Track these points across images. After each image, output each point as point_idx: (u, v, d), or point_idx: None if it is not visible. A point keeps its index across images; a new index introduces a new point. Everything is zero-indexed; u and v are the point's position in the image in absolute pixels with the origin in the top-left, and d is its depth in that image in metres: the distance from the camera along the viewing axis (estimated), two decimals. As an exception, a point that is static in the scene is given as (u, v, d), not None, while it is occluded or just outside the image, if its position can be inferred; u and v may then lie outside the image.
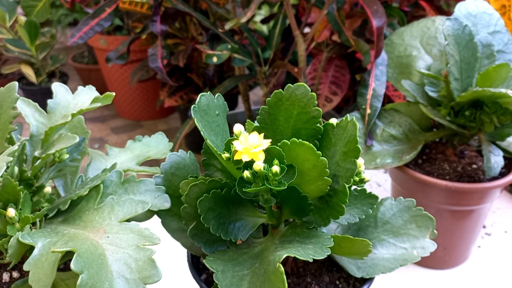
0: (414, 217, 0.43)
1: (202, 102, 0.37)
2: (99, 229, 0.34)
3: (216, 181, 0.38)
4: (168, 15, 1.03)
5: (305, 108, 0.37)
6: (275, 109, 0.38)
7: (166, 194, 0.41)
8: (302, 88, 0.37)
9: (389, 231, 0.43)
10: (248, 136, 0.34)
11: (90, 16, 0.90)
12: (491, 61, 0.60)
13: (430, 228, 0.42)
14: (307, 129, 0.38)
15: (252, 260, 0.37)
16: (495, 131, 0.62)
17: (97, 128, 2.03)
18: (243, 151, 0.33)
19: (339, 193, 0.35)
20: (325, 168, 0.33)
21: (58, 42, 2.35)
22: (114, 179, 0.40)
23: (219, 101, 0.39)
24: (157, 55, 1.02)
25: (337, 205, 0.35)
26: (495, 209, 0.86)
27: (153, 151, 0.50)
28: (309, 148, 0.33)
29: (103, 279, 0.30)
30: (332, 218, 0.36)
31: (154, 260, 0.32)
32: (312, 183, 0.35)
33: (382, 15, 0.74)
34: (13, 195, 0.37)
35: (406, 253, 0.42)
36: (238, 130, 0.35)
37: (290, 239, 0.38)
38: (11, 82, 0.40)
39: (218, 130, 0.38)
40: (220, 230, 0.37)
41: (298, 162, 0.34)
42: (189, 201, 0.38)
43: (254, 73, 1.16)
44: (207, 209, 0.37)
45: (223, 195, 0.38)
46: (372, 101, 0.66)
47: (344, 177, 0.34)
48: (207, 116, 0.37)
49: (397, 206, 0.44)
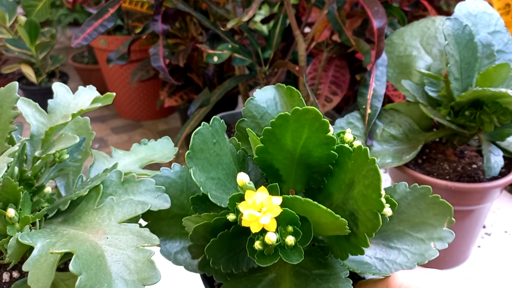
0: (430, 205, 0.40)
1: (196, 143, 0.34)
2: (98, 230, 0.34)
3: (220, 219, 0.35)
4: (168, 15, 1.03)
5: (317, 133, 0.34)
6: (282, 129, 0.34)
7: (166, 194, 0.41)
8: (312, 113, 0.33)
9: (404, 221, 0.40)
10: (256, 196, 0.30)
11: (93, 17, 0.90)
12: (491, 61, 0.60)
13: (448, 216, 0.40)
14: (319, 152, 0.34)
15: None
16: (495, 131, 0.62)
17: (97, 128, 2.03)
18: (250, 220, 0.30)
19: (359, 238, 0.32)
20: (345, 226, 0.30)
21: (58, 42, 2.35)
22: (114, 179, 0.40)
23: (216, 125, 0.36)
24: (159, 54, 1.02)
25: (356, 247, 0.33)
26: (495, 209, 0.86)
27: (158, 155, 0.50)
28: (327, 212, 0.30)
29: (102, 280, 0.30)
30: (351, 254, 0.34)
31: (153, 261, 0.32)
32: (329, 232, 0.33)
33: (383, 16, 0.74)
34: (13, 195, 0.37)
35: (423, 245, 0.39)
36: (241, 181, 0.32)
37: (305, 272, 0.35)
38: (11, 82, 0.40)
39: (217, 160, 0.35)
40: (231, 265, 0.35)
41: (314, 216, 0.32)
42: (195, 240, 0.35)
43: (254, 73, 1.16)
44: (216, 251, 0.34)
45: (230, 232, 0.34)
46: (373, 101, 0.66)
47: (365, 226, 0.32)
48: (203, 153, 0.34)
49: (411, 194, 0.41)
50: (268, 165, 0.36)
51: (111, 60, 1.14)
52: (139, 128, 2.01)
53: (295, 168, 0.36)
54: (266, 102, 0.40)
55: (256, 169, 0.38)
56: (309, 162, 0.35)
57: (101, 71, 2.03)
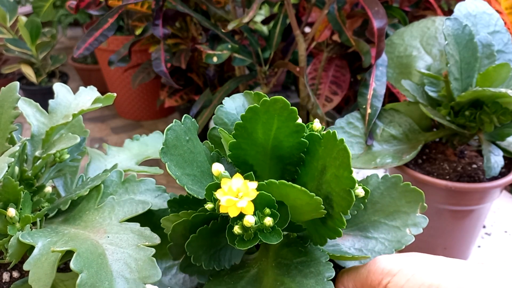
0: (403, 193, 0.41)
1: (169, 139, 0.34)
2: (99, 229, 0.34)
3: (199, 215, 0.35)
4: (168, 16, 1.03)
5: (285, 123, 0.34)
6: (252, 123, 0.35)
7: (166, 194, 0.41)
8: (280, 102, 0.34)
9: (379, 211, 0.41)
10: (232, 182, 0.31)
11: (94, 27, 0.91)
12: (491, 61, 0.60)
13: (420, 202, 0.41)
14: (290, 142, 0.35)
15: (252, 285, 0.36)
16: (495, 131, 0.62)
17: (97, 128, 2.03)
18: (227, 205, 0.30)
19: (335, 219, 0.33)
20: (320, 205, 0.31)
21: (59, 42, 2.36)
22: (115, 178, 0.41)
23: (187, 124, 0.36)
24: (161, 59, 1.02)
25: (333, 229, 0.34)
26: (495, 209, 0.86)
27: (151, 150, 0.50)
28: (301, 191, 0.30)
29: (103, 278, 0.30)
30: (329, 238, 0.35)
31: (153, 260, 0.32)
32: (305, 215, 0.34)
33: (383, 16, 0.74)
34: (13, 195, 0.37)
35: (399, 232, 0.40)
36: (217, 170, 0.32)
37: (286, 262, 0.36)
38: (12, 82, 0.41)
39: (192, 157, 0.35)
40: (213, 262, 0.35)
41: (290, 199, 0.32)
42: (174, 239, 0.35)
43: (254, 73, 1.16)
44: (196, 247, 0.35)
45: (209, 228, 0.35)
46: (373, 101, 0.66)
47: (340, 205, 0.32)
48: (177, 149, 0.35)
49: (384, 184, 0.42)
50: (242, 161, 0.36)
51: (112, 62, 1.15)
52: (139, 128, 2.01)
53: (269, 162, 0.37)
54: (236, 109, 0.41)
55: (231, 169, 0.37)
56: (282, 153, 0.36)
57: (101, 71, 2.03)
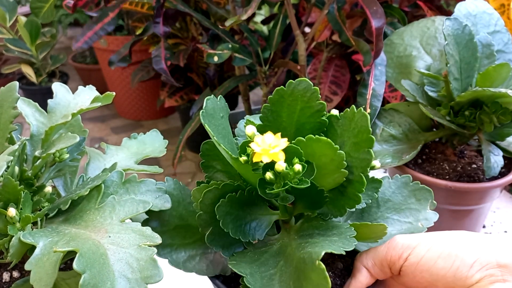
0: (412, 192, 0.44)
1: (208, 106, 0.36)
2: (100, 229, 0.34)
3: (228, 184, 0.38)
4: (168, 15, 1.03)
5: (308, 103, 0.37)
6: (278, 106, 0.38)
7: (167, 195, 0.41)
8: (304, 83, 0.37)
9: (391, 209, 0.44)
10: (265, 137, 0.33)
11: (94, 21, 0.91)
12: (491, 61, 0.60)
13: (430, 200, 0.43)
14: (311, 123, 0.37)
15: (275, 258, 0.37)
16: (495, 131, 0.62)
17: (97, 128, 2.03)
18: (262, 153, 0.33)
19: (354, 183, 0.35)
20: (343, 161, 0.33)
21: (59, 42, 2.35)
22: (115, 179, 0.40)
23: (222, 103, 0.39)
24: (161, 56, 1.02)
25: (353, 195, 0.36)
26: (495, 209, 0.86)
27: (149, 148, 0.50)
28: (327, 143, 0.33)
29: (105, 278, 0.30)
30: (348, 208, 0.37)
31: (155, 260, 0.32)
32: (329, 176, 0.35)
33: (381, 15, 0.74)
34: (13, 195, 0.37)
35: (411, 227, 0.42)
36: (251, 131, 0.35)
37: (309, 232, 0.38)
38: (12, 82, 0.41)
39: (224, 132, 0.37)
40: (239, 233, 0.37)
41: (315, 157, 0.34)
42: (204, 207, 0.37)
43: (254, 73, 1.16)
44: (225, 213, 0.36)
45: (237, 198, 0.37)
46: (372, 100, 0.66)
47: (360, 167, 0.35)
48: (214, 119, 0.37)
49: (395, 183, 0.44)
50: None
51: (113, 62, 1.15)
52: (139, 128, 2.01)
53: None
54: None
55: None
56: (304, 136, 0.37)
57: (101, 71, 2.03)
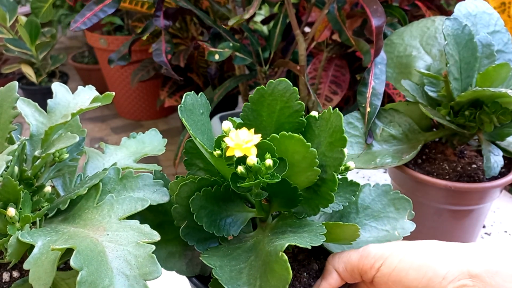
0: (392, 200, 0.45)
1: (187, 102, 0.37)
2: (98, 227, 0.34)
3: (205, 179, 0.38)
4: (168, 14, 1.03)
5: (288, 103, 0.38)
6: (258, 105, 0.39)
7: (164, 188, 0.41)
8: (284, 83, 0.38)
9: (370, 216, 0.44)
10: (239, 132, 0.34)
11: (94, 1, 0.89)
12: (491, 61, 0.60)
13: (408, 209, 0.44)
14: (291, 123, 0.38)
15: (247, 253, 0.38)
16: (495, 131, 0.62)
17: (97, 128, 2.03)
18: (235, 147, 0.34)
19: (327, 182, 0.36)
20: (315, 158, 0.34)
21: (58, 42, 2.36)
22: (112, 176, 0.40)
23: (202, 100, 0.39)
24: (161, 49, 1.02)
25: (326, 194, 0.37)
26: (495, 209, 0.86)
27: (148, 147, 0.50)
28: (299, 140, 0.34)
29: (103, 275, 0.30)
30: (322, 207, 0.37)
31: (154, 257, 0.32)
32: (302, 174, 0.36)
33: (381, 14, 0.74)
34: (13, 195, 0.37)
35: (388, 234, 0.43)
36: (227, 127, 0.36)
37: (282, 230, 0.38)
38: (11, 82, 0.41)
39: (203, 128, 0.38)
40: (213, 227, 0.38)
41: (288, 154, 0.35)
42: (179, 200, 0.38)
43: (254, 73, 1.16)
44: (199, 207, 0.37)
45: (213, 192, 0.38)
46: (372, 99, 0.66)
47: (332, 166, 0.36)
48: (192, 115, 0.37)
49: (375, 191, 0.45)
50: None
51: (112, 61, 1.15)
52: (139, 128, 2.01)
53: None
54: None
55: None
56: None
57: (101, 71, 2.03)
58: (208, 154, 0.36)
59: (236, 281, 0.35)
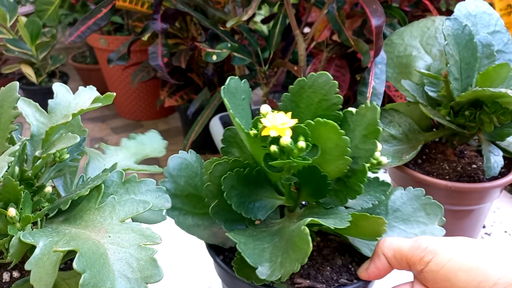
0: (423, 205, 0.44)
1: (231, 85, 0.38)
2: (100, 229, 0.34)
3: (238, 160, 0.39)
4: (168, 15, 1.03)
5: (326, 96, 0.39)
6: (297, 96, 0.40)
7: (166, 195, 0.41)
8: (324, 76, 0.38)
9: (399, 218, 0.44)
10: (276, 115, 0.35)
11: (87, 16, 0.91)
12: (491, 61, 0.60)
13: (439, 215, 0.44)
14: (327, 116, 0.38)
15: (272, 236, 0.39)
16: (495, 131, 0.62)
17: (97, 128, 2.03)
18: (271, 127, 0.34)
19: (357, 173, 0.37)
20: (347, 147, 0.35)
21: (59, 42, 2.35)
22: (115, 179, 0.40)
23: (245, 86, 0.40)
24: (158, 53, 1.02)
25: (355, 185, 0.37)
26: (495, 209, 0.86)
27: (149, 149, 0.50)
28: (333, 127, 0.34)
29: (105, 278, 0.30)
30: (350, 198, 0.38)
31: (155, 260, 0.32)
32: (333, 162, 0.36)
33: (381, 14, 0.74)
34: (13, 195, 0.37)
35: None
36: (265, 110, 0.36)
37: (308, 217, 0.39)
38: (12, 82, 0.41)
39: (242, 113, 0.39)
40: (242, 208, 0.39)
41: (321, 141, 0.36)
42: (212, 179, 0.39)
43: (254, 73, 1.16)
44: (230, 186, 0.38)
45: (245, 174, 0.39)
46: (372, 99, 0.66)
47: (364, 157, 0.36)
48: (234, 98, 0.38)
49: (407, 195, 0.45)
50: None
51: (111, 60, 1.15)
52: (139, 128, 2.01)
53: None
54: None
55: None
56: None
57: (102, 71, 2.03)
58: (244, 135, 0.36)
59: (258, 257, 0.36)
